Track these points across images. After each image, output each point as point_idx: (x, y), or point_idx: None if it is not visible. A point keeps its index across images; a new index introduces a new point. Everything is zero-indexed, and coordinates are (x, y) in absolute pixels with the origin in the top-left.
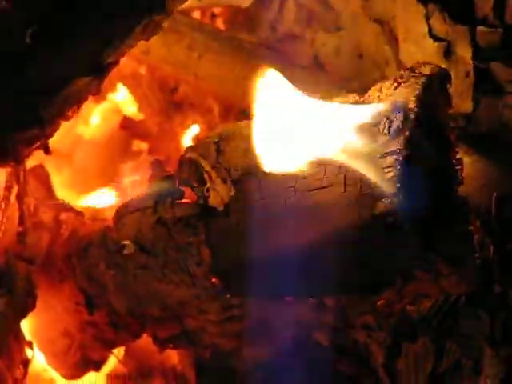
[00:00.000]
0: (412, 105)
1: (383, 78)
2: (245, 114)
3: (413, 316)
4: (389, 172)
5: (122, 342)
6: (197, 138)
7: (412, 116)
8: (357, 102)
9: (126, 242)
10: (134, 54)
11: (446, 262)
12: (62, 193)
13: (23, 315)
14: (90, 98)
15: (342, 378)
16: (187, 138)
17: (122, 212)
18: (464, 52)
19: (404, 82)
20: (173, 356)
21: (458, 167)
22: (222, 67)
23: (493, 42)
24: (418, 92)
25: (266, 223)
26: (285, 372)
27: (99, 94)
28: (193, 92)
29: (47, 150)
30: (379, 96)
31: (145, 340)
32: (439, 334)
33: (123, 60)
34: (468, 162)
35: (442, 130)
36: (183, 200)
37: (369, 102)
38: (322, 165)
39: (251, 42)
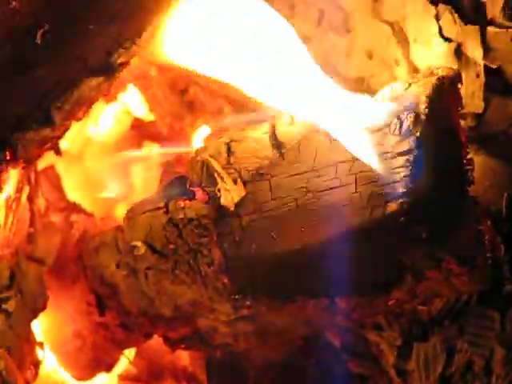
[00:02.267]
0: (423, 105)
1: (393, 78)
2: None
3: (424, 316)
4: (400, 172)
5: (133, 342)
6: (207, 139)
7: (423, 116)
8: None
9: (137, 243)
10: (144, 54)
11: (457, 261)
12: (73, 194)
13: (34, 316)
14: (101, 99)
15: (353, 378)
16: (198, 138)
17: (133, 212)
18: (474, 52)
19: (415, 83)
20: (184, 357)
21: (469, 167)
22: None
23: (503, 42)
24: (429, 92)
25: (278, 224)
26: (296, 372)
27: (109, 95)
28: (203, 92)
29: (58, 151)
30: (390, 96)
31: (156, 341)
32: (450, 333)
33: (133, 61)
34: (479, 162)
35: (453, 130)
36: (194, 201)
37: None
38: None
39: None
